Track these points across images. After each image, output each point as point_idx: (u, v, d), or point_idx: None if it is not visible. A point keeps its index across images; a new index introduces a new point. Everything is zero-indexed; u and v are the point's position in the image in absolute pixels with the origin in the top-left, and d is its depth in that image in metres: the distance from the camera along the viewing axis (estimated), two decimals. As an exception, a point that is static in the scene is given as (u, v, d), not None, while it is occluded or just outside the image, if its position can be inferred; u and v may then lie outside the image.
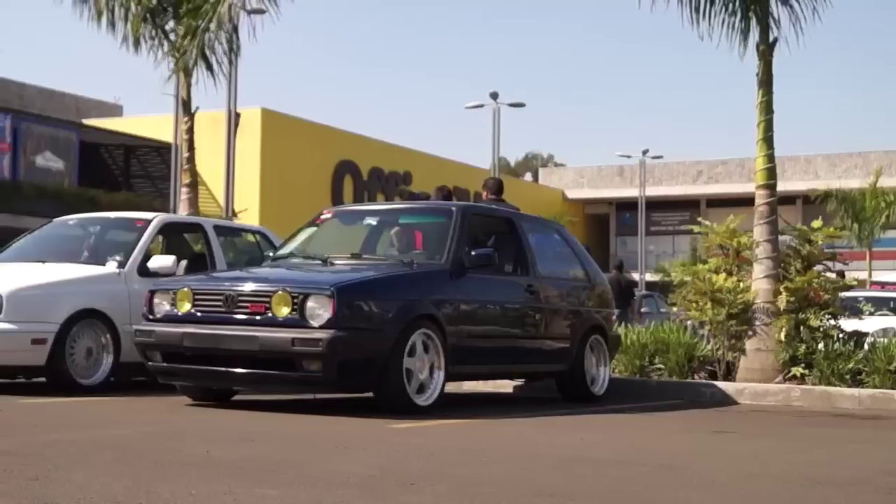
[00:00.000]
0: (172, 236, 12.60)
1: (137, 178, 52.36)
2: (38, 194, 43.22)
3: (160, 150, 48.86)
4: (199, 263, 11.74)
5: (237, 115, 32.73)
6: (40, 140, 45.86)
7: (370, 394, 8.99)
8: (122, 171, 52.36)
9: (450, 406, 9.41)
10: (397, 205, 11.28)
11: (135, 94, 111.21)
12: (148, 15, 16.09)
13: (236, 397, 9.72)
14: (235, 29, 15.98)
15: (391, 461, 6.04)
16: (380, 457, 6.18)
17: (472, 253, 9.71)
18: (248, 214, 35.61)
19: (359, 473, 5.48)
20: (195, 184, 16.21)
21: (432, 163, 55.65)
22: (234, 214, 31.12)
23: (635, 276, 51.23)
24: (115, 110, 58.19)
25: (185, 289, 9.09)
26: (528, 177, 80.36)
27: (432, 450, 6.68)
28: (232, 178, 31.82)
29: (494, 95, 45.48)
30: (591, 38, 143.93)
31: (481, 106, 46.60)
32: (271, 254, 10.89)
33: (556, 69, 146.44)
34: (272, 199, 44.86)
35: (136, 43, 16.33)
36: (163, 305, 9.15)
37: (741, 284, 12.30)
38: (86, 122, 51.45)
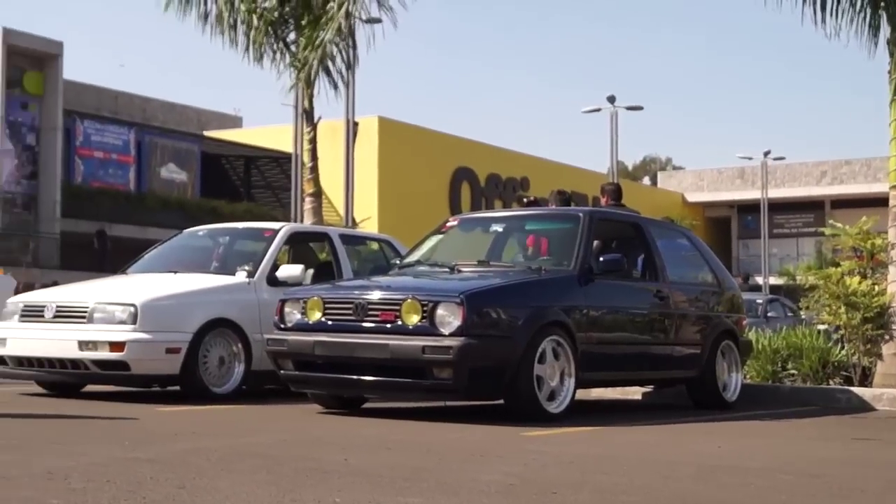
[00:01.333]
0: (298, 245, 12.72)
1: (258, 188, 53.05)
2: (161, 205, 44.09)
3: (279, 161, 49.46)
4: (326, 272, 11.83)
5: (355, 125, 32.97)
6: (164, 152, 46.78)
7: (500, 401, 8.97)
8: (242, 181, 53.11)
9: (580, 413, 9.35)
10: (523, 211, 11.25)
11: (254, 106, 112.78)
12: (270, 28, 16.30)
13: (366, 405, 9.76)
14: (354, 39, 16.10)
15: (529, 469, 5.99)
16: (517, 465, 6.13)
17: (601, 258, 9.65)
18: (367, 222, 35.86)
19: (498, 482, 5.44)
20: (319, 193, 16.37)
21: (549, 168, 55.51)
22: (354, 223, 31.36)
23: (759, 279, 50.54)
24: (235, 122, 59.02)
25: (316, 298, 9.16)
26: (647, 180, 79.83)
27: (570, 457, 6.62)
28: (351, 187, 32.04)
29: (612, 99, 45.19)
30: (710, 38, 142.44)
31: (598, 110, 46.33)
32: (397, 262, 10.92)
33: (673, 71, 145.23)
34: (390, 206, 45.09)
35: (259, 56, 16.55)
36: (294, 314, 9.23)
37: (876, 288, 12.02)
38: (207, 133, 52.32)
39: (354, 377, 8.84)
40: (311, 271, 11.56)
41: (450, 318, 8.43)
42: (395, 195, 46.45)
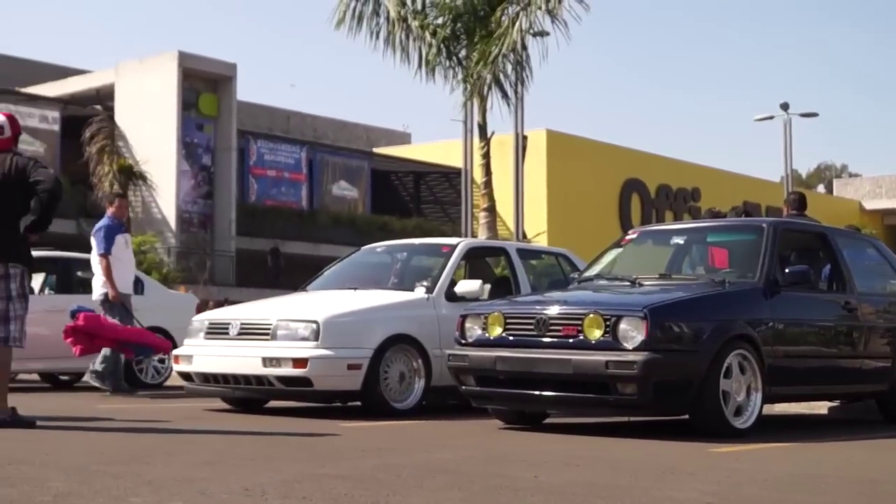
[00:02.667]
0: (474, 260, 12.72)
1: (427, 204, 53.44)
2: (333, 222, 44.75)
3: (449, 176, 49.78)
4: (503, 287, 11.81)
5: (524, 138, 32.93)
6: (335, 169, 47.49)
7: (684, 417, 8.81)
8: (412, 196, 53.58)
9: (767, 428, 9.13)
10: (705, 223, 11.05)
11: (423, 122, 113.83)
12: (442, 45, 16.39)
13: (547, 420, 9.70)
14: (527, 52, 16.11)
15: (724, 488, 5.85)
16: (710, 483, 6.00)
17: (786, 270, 9.43)
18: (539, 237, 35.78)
19: (694, 500, 5.33)
20: (493, 208, 16.39)
21: (721, 177, 54.66)
22: (525, 237, 31.32)
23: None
24: (403, 138, 59.63)
25: (497, 313, 9.14)
26: (821, 188, 78.00)
27: (763, 475, 6.45)
28: (521, 201, 32.03)
29: (785, 106, 44.24)
30: (885, 41, 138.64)
31: (771, 118, 45.39)
32: (575, 276, 10.83)
33: (848, 75, 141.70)
34: (559, 220, 44.97)
35: (431, 72, 16.67)
36: (474, 330, 9.23)
37: None
38: (376, 150, 52.97)
39: (536, 393, 8.78)
40: (488, 286, 11.56)
41: (633, 332, 8.32)
42: (564, 208, 46.31)
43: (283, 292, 31.18)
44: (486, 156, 16.35)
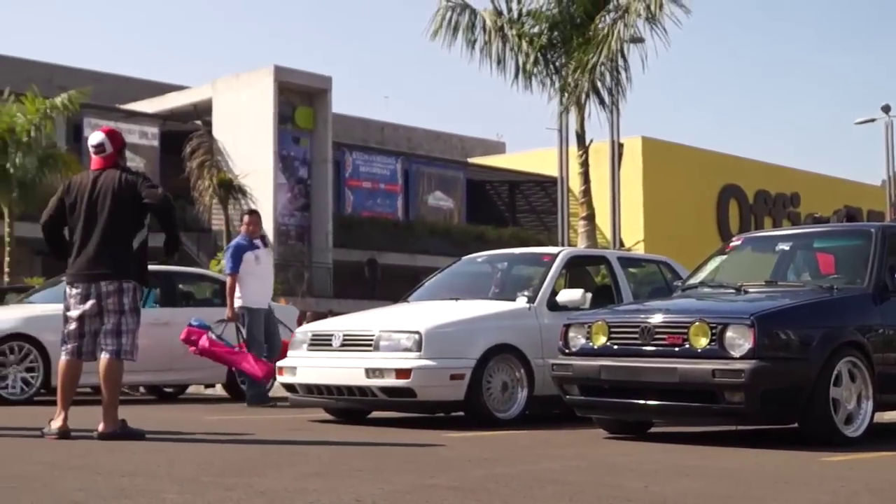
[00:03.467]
0: (575, 269, 12.65)
1: (522, 213, 53.43)
2: (429, 232, 44.89)
3: (544, 185, 49.71)
4: (605, 296, 11.74)
5: (620, 146, 32.78)
6: (430, 180, 47.66)
7: (793, 425, 8.68)
8: (507, 206, 53.60)
9: (878, 437, 8.96)
10: (811, 228, 10.88)
11: (517, 131, 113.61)
12: (539, 54, 16.36)
13: (652, 429, 9.61)
14: (625, 60, 16.02)
15: (840, 498, 5.75)
16: (826, 493, 5.90)
17: (896, 275, 9.24)
18: (633, 243, 35.53)
19: (811, 511, 5.23)
20: (592, 216, 16.31)
21: (821, 182, 53.88)
22: (622, 245, 31.15)
23: None
24: (498, 147, 59.66)
25: (601, 322, 9.08)
26: (923, 192, 76.45)
27: (880, 484, 6.33)
28: (618, 209, 31.86)
29: (886, 109, 43.46)
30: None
31: (872, 120, 44.62)
32: (679, 284, 10.72)
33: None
34: (656, 227, 44.67)
35: (528, 80, 16.65)
36: (578, 339, 9.18)
37: None
38: (471, 160, 53.03)
39: (641, 402, 8.71)
40: (589, 295, 11.49)
41: (740, 340, 8.22)
42: (661, 216, 45.99)
43: (381, 303, 31.31)
44: (585, 164, 16.30)
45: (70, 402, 8.56)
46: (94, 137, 8.83)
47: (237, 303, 13.35)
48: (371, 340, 10.31)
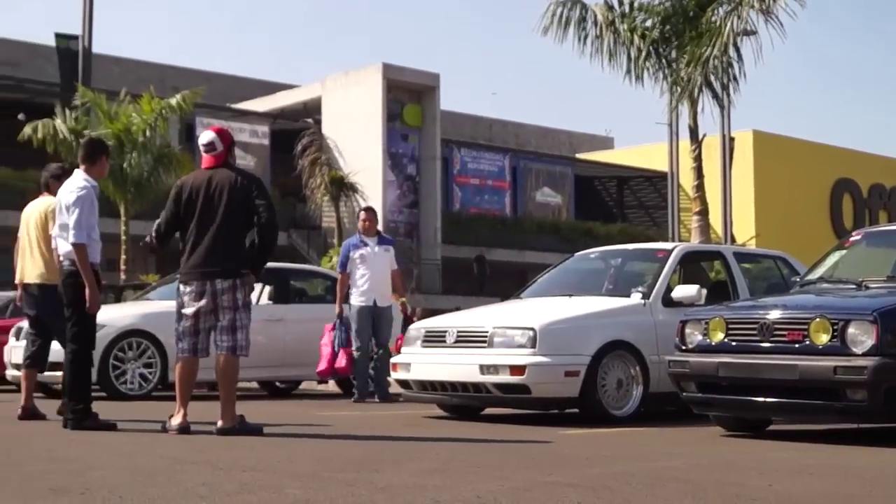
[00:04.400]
0: (689, 265, 12.51)
1: (630, 208, 53.09)
2: (537, 229, 44.80)
3: (652, 180, 49.32)
4: (720, 292, 11.58)
5: (731, 140, 32.39)
6: (538, 176, 47.56)
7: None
8: (615, 201, 53.28)
9: None
10: (934, 222, 10.62)
11: (625, 126, 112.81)
12: (651, 48, 16.23)
13: (770, 427, 9.47)
14: (739, 53, 15.81)
15: (972, 498, 5.60)
16: (956, 493, 5.75)
17: None
18: (744, 238, 35.10)
19: (942, 512, 5.11)
20: (706, 211, 16.14)
21: (938, 175, 52.54)
22: (734, 241, 30.78)
23: None
24: (606, 143, 59.31)
25: (718, 318, 8.97)
26: None
27: None
28: (729, 204, 31.47)
29: None
30: None
31: None
32: (797, 279, 10.54)
33: None
34: (767, 222, 44.05)
35: (639, 75, 16.52)
36: (695, 335, 9.07)
37: None
38: (579, 156, 52.81)
39: (760, 399, 8.59)
40: (704, 291, 11.34)
41: (862, 336, 8.06)
42: (772, 210, 45.34)
43: (489, 300, 31.33)
44: (698, 159, 16.12)
45: (188, 399, 8.68)
46: (205, 136, 8.94)
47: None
48: (485, 337, 10.30)
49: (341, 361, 13.45)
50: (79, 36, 25.93)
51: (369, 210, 14.26)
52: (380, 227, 15.20)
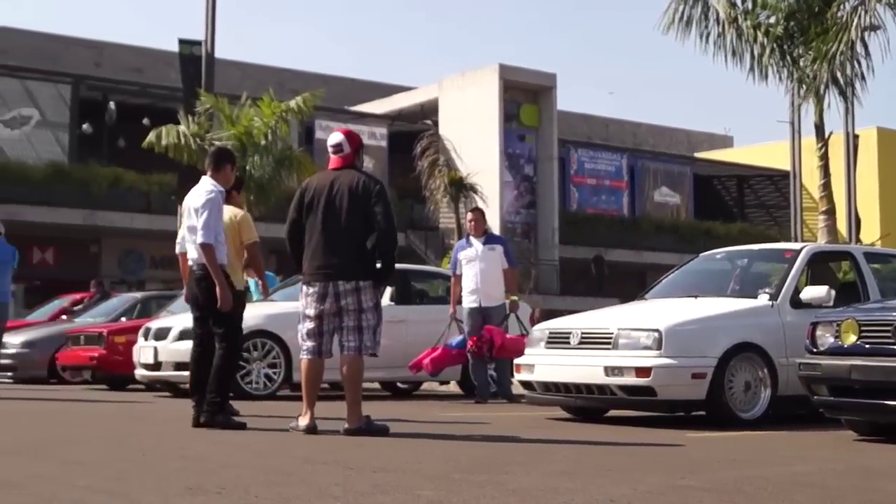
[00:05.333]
0: (817, 265, 12.27)
1: (751, 208, 52.40)
2: (655, 229, 44.44)
3: (773, 178, 48.59)
4: (850, 293, 11.34)
5: (855, 137, 31.75)
6: (656, 176, 47.18)
7: None
8: (735, 201, 52.62)
9: None
10: None
11: (744, 124, 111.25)
12: (775, 45, 15.98)
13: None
14: (866, 48, 15.49)
15: None
16: None
17: None
18: (871, 238, 34.41)
19: None
20: (832, 211, 15.83)
21: None
22: (859, 241, 30.18)
23: None
24: (725, 141, 58.60)
25: (850, 320, 8.78)
26: None
27: None
28: (854, 203, 30.86)
29: None
30: None
31: None
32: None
33: None
34: (892, 221, 43.08)
35: (763, 72, 16.28)
36: (826, 338, 8.89)
37: None
38: (698, 155, 52.26)
39: (894, 403, 8.38)
40: (833, 292, 11.12)
41: None
42: (897, 208, 44.38)
43: (607, 300, 31.13)
44: (824, 157, 15.82)
45: (315, 399, 8.75)
46: (333, 138, 9.00)
47: None
48: (610, 338, 10.21)
49: (428, 358, 13.50)
50: (202, 41, 26.36)
51: (475, 210, 14.31)
52: (496, 228, 15.20)
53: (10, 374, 19.31)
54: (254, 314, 14.43)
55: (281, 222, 12.49)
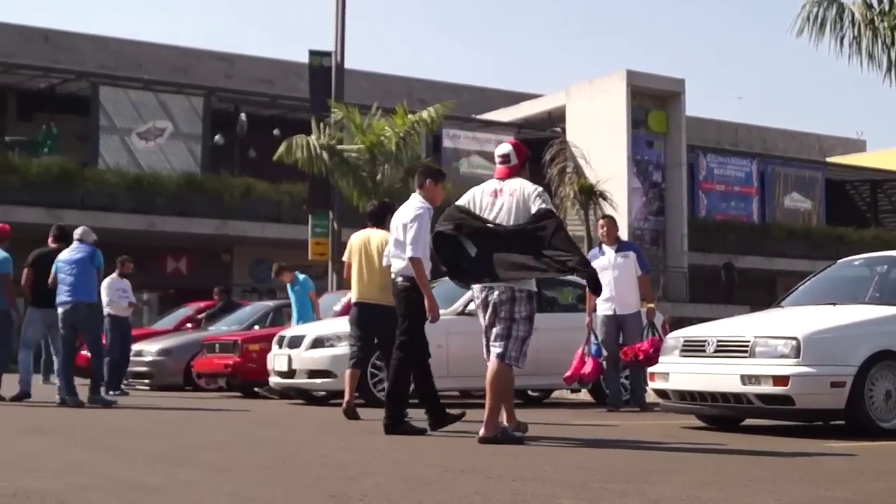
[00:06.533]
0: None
1: (885, 213, 51.32)
2: (786, 235, 43.76)
3: (909, 183, 47.49)
4: None
5: None
6: (786, 181, 46.47)
7: None
8: (868, 206, 51.56)
9: None
10: None
11: (878, 128, 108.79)
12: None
13: None
14: None
15: None
16: None
17: None
18: None
19: None
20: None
21: None
22: None
23: None
24: (858, 146, 57.44)
25: None
26: None
27: None
28: None
29: None
30: None
31: None
32: None
33: None
34: None
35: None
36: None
37: None
38: (830, 160, 51.30)
39: None
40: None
41: None
42: None
43: (737, 308, 30.75)
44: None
45: (511, 403, 9.08)
46: (502, 148, 9.14)
47: None
48: (746, 346, 10.07)
49: (587, 368, 13.39)
50: (331, 52, 26.67)
51: (607, 218, 14.23)
52: (624, 235, 15.11)
53: (147, 381, 19.76)
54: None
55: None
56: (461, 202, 8.95)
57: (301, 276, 17.87)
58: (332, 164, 24.39)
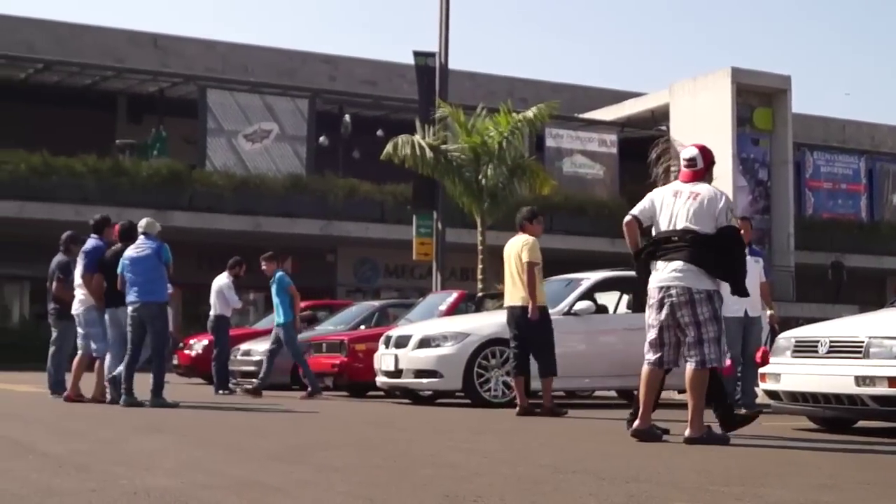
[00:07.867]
0: None
1: None
2: (894, 234, 42.96)
3: None
4: None
5: None
6: (895, 179, 45.62)
7: None
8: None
9: None
10: None
11: None
12: None
13: None
14: None
15: None
16: None
17: None
18: None
19: None
20: None
21: None
22: None
23: None
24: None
25: None
26: None
27: None
28: None
29: None
30: None
31: None
32: None
33: None
34: None
35: None
36: None
37: None
38: (940, 156, 50.23)
39: None
40: None
41: None
42: None
43: (845, 307, 30.23)
44: None
45: (651, 406, 8.97)
46: (688, 152, 9.13)
47: None
48: (860, 347, 9.90)
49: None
50: (436, 53, 26.75)
51: (745, 220, 13.88)
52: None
53: (255, 380, 19.95)
54: (490, 322, 14.58)
55: (511, 231, 12.79)
56: (647, 201, 8.96)
57: (278, 274, 17.79)
58: (437, 165, 24.47)
